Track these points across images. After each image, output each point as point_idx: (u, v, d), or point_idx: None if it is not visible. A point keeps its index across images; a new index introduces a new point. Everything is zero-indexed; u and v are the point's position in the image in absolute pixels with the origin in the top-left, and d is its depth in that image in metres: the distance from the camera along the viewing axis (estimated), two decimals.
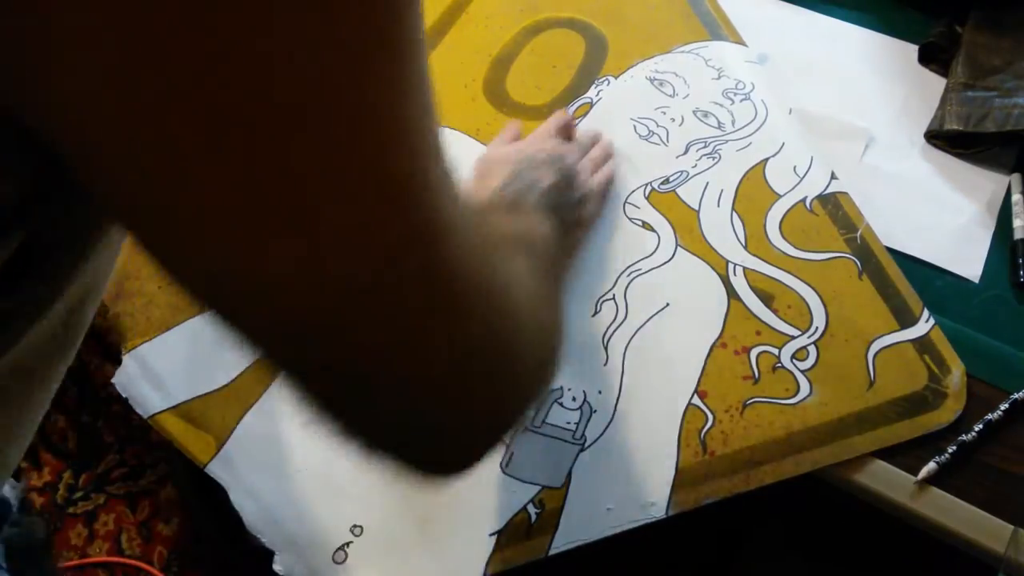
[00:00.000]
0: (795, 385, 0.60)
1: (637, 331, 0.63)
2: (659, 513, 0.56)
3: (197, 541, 0.71)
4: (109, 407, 0.64)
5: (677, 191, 0.70)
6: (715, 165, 0.71)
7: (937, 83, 0.76)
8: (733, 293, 0.64)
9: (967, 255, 0.67)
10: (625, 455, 0.58)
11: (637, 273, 0.66)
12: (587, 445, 0.59)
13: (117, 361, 0.65)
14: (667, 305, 0.64)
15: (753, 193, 0.69)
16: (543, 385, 0.39)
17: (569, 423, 0.59)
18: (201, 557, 0.72)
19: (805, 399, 0.60)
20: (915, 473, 0.56)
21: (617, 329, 0.63)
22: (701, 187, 0.70)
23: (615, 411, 0.60)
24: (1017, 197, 0.69)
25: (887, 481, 0.56)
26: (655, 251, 0.67)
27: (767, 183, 0.70)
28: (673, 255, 0.67)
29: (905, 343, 0.61)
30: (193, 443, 0.61)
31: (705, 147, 0.72)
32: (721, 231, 0.68)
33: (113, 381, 0.64)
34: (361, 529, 0.57)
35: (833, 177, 0.69)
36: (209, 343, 0.64)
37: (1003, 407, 0.58)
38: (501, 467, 0.58)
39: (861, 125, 0.74)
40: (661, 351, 0.62)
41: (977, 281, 0.66)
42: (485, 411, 0.32)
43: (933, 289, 0.64)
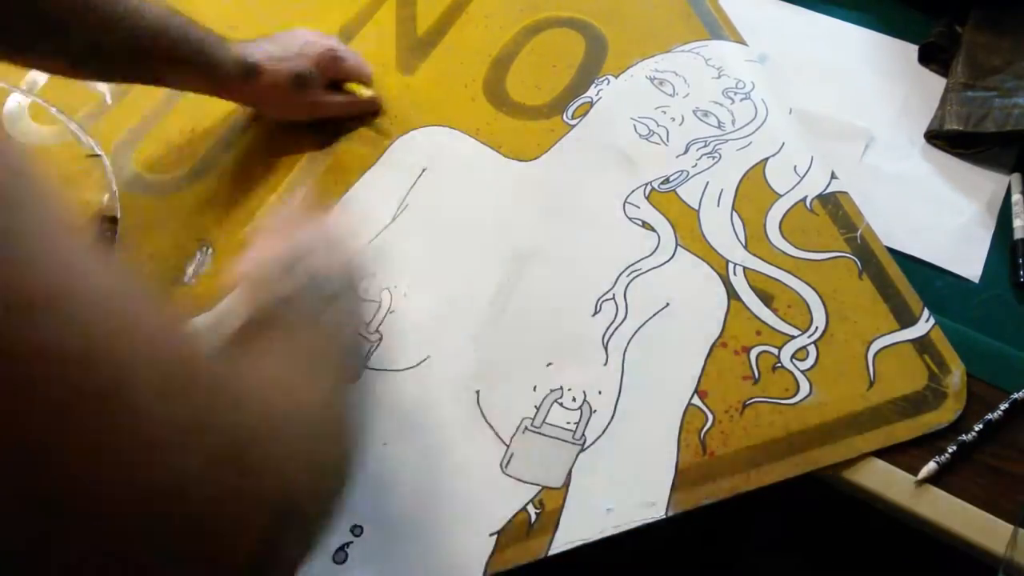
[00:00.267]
0: (795, 385, 0.60)
1: (637, 331, 0.63)
2: (659, 513, 0.56)
3: None
4: None
5: (677, 191, 0.70)
6: (715, 164, 0.71)
7: (937, 83, 0.76)
8: (733, 293, 0.64)
9: (967, 255, 0.67)
10: (625, 455, 0.58)
11: (637, 273, 0.66)
12: (587, 445, 0.59)
13: None
14: (667, 305, 0.64)
15: (753, 193, 0.69)
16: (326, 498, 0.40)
17: (569, 423, 0.59)
18: None
19: (805, 399, 0.60)
20: (915, 473, 0.56)
21: (617, 329, 0.63)
22: (701, 187, 0.70)
23: (615, 411, 0.60)
24: (1017, 197, 0.69)
25: (887, 481, 0.56)
26: (655, 251, 0.67)
27: (767, 183, 0.70)
28: (673, 255, 0.67)
29: (905, 343, 0.61)
30: None
31: (705, 146, 0.72)
32: (721, 231, 0.68)
33: None
34: (361, 530, 0.57)
35: (833, 177, 0.69)
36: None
37: (1003, 407, 0.58)
38: (501, 467, 0.58)
39: (861, 125, 0.74)
40: (661, 351, 0.62)
41: (977, 281, 0.66)
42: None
43: (933, 289, 0.64)
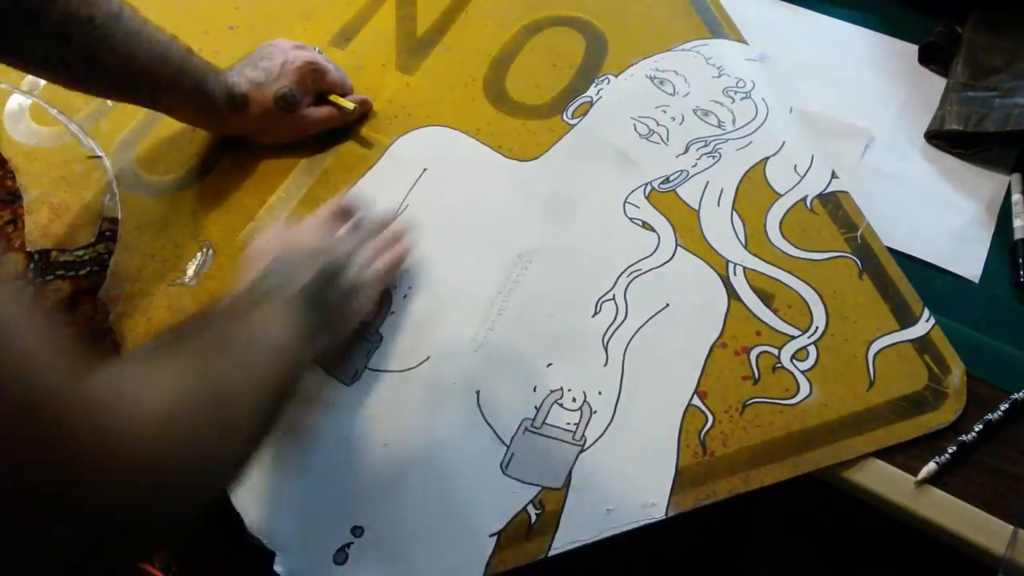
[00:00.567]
0: (795, 385, 0.60)
1: (637, 331, 0.63)
2: (659, 514, 0.56)
3: (197, 541, 0.71)
4: None
5: (677, 191, 0.70)
6: (715, 164, 0.71)
7: (937, 83, 0.76)
8: (733, 293, 0.64)
9: (967, 255, 0.67)
10: (625, 456, 0.58)
11: (637, 273, 0.66)
12: (587, 446, 0.59)
13: None
14: (667, 305, 0.64)
15: (753, 192, 0.69)
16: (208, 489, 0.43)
17: (569, 424, 0.59)
18: (201, 558, 0.72)
19: (805, 399, 0.60)
20: (915, 473, 0.56)
21: (617, 329, 0.63)
22: (701, 186, 0.70)
23: (615, 412, 0.60)
24: (1017, 197, 0.69)
25: (887, 481, 0.56)
26: (655, 251, 0.67)
27: (767, 182, 0.70)
28: (673, 255, 0.67)
29: (905, 343, 0.61)
30: None
31: (705, 146, 0.72)
32: (721, 231, 0.68)
33: None
34: (361, 530, 0.57)
35: (834, 176, 0.69)
36: None
37: (1003, 407, 0.58)
38: (501, 468, 0.58)
39: (861, 125, 0.74)
40: (661, 351, 0.62)
41: (977, 281, 0.66)
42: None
43: (933, 289, 0.65)
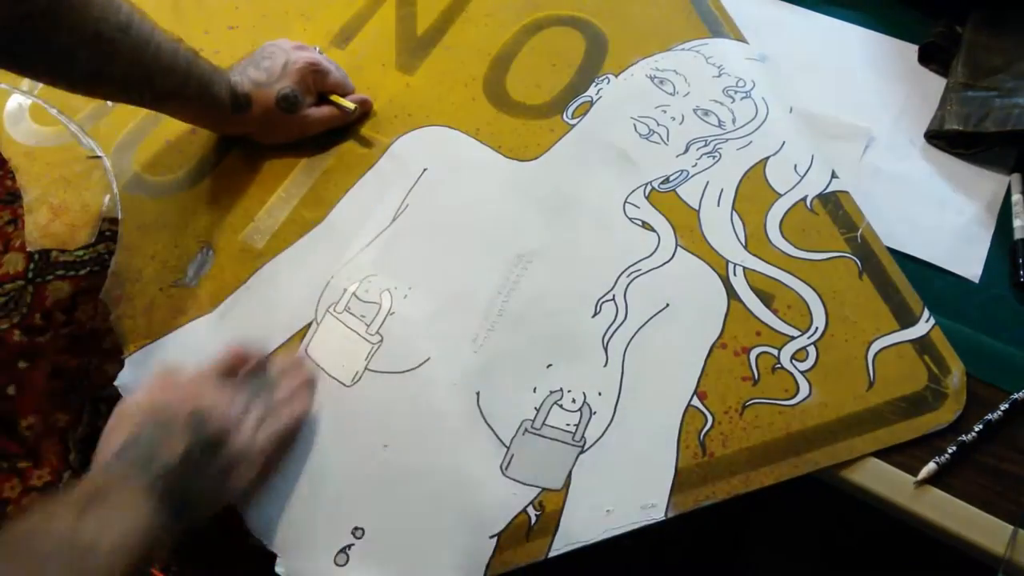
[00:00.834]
0: (795, 386, 0.60)
1: (637, 332, 0.63)
2: (659, 515, 0.56)
3: (197, 541, 0.71)
4: (110, 407, 0.65)
5: (677, 191, 0.70)
6: (715, 164, 0.71)
7: (937, 83, 0.76)
8: (733, 293, 0.64)
9: (967, 255, 0.67)
10: (625, 457, 0.58)
11: (637, 273, 0.66)
12: (587, 447, 0.59)
13: (117, 362, 0.65)
14: (667, 306, 0.64)
15: (753, 192, 0.69)
16: None
17: (569, 425, 0.59)
18: (201, 558, 0.72)
19: (805, 400, 0.60)
20: (915, 473, 0.56)
21: (617, 330, 0.63)
22: (701, 186, 0.70)
23: (615, 413, 0.60)
24: (1017, 197, 0.69)
25: (887, 481, 0.57)
26: (655, 251, 0.67)
27: (767, 182, 0.70)
28: (673, 255, 0.67)
29: (905, 343, 0.61)
30: None
31: (705, 146, 0.72)
32: (721, 231, 0.68)
33: (116, 383, 0.64)
34: (362, 532, 0.57)
35: (834, 176, 0.69)
36: (210, 345, 0.64)
37: (1003, 407, 0.58)
38: (501, 469, 0.58)
39: (861, 125, 0.74)
40: (661, 352, 0.62)
41: (977, 281, 0.66)
42: None
43: (933, 289, 0.64)
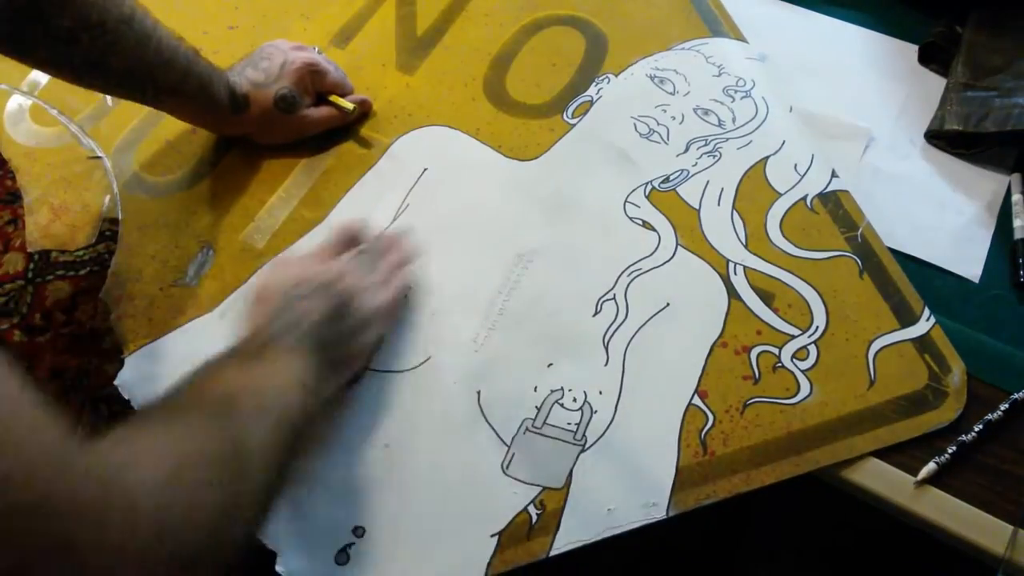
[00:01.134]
0: (795, 385, 0.60)
1: (637, 331, 0.63)
2: (660, 514, 0.56)
3: None
4: (110, 407, 0.65)
5: (677, 190, 0.70)
6: (716, 163, 0.71)
7: (937, 83, 0.76)
8: (733, 292, 0.64)
9: (967, 255, 0.67)
10: (626, 456, 0.58)
11: (637, 273, 0.66)
12: (588, 446, 0.59)
13: (117, 362, 0.65)
14: (667, 305, 0.64)
15: (754, 191, 0.69)
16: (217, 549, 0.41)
17: (570, 424, 0.60)
18: None
19: (805, 399, 0.60)
20: (915, 473, 0.56)
21: (618, 329, 0.63)
22: (701, 186, 0.70)
23: (616, 411, 0.60)
24: (1017, 197, 0.69)
25: (887, 481, 0.57)
26: (655, 250, 0.67)
27: (768, 181, 0.70)
28: (674, 254, 0.67)
29: (905, 342, 0.62)
30: None
31: (706, 145, 0.72)
32: (721, 230, 0.68)
33: (116, 382, 0.64)
34: (363, 531, 0.57)
35: (834, 175, 0.69)
36: (211, 344, 0.64)
37: (1003, 407, 0.58)
38: (502, 468, 0.58)
39: (861, 125, 0.74)
40: (661, 351, 0.62)
41: (977, 281, 0.66)
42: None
43: (933, 289, 0.65)
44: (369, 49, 0.82)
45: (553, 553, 0.56)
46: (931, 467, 0.56)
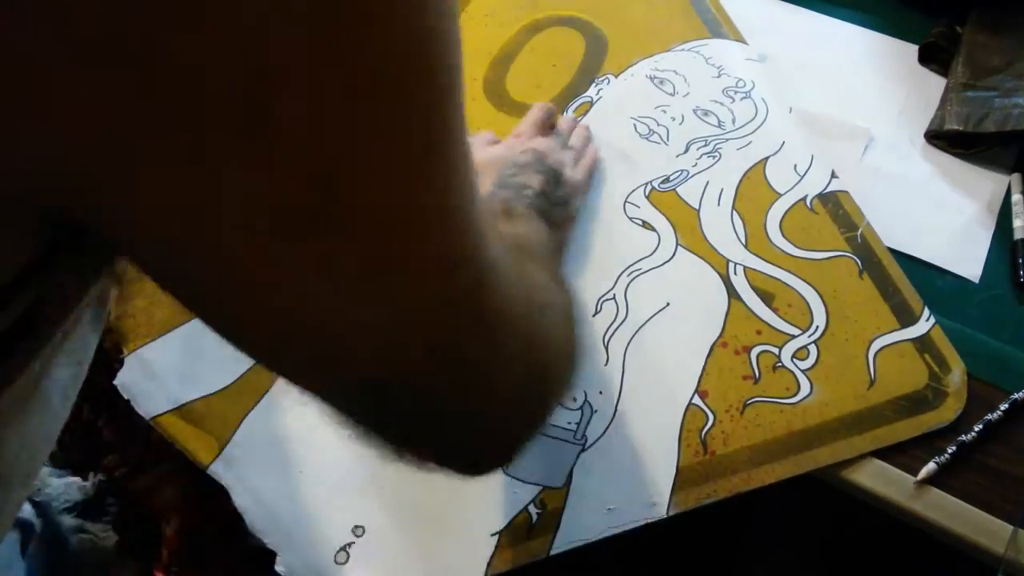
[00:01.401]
0: (795, 384, 0.60)
1: (637, 331, 0.63)
2: (660, 513, 0.56)
3: (197, 541, 0.71)
4: (109, 407, 0.65)
5: (677, 190, 0.70)
6: (715, 164, 0.71)
7: (937, 83, 0.76)
8: (733, 292, 0.64)
9: (967, 255, 0.67)
10: (626, 455, 0.58)
11: (637, 273, 0.66)
12: (588, 445, 0.59)
13: (117, 361, 0.65)
14: (667, 305, 0.64)
15: (753, 192, 0.69)
16: (568, 384, 0.41)
17: (570, 423, 0.60)
18: (201, 557, 0.72)
19: (805, 398, 0.60)
20: (915, 473, 0.56)
21: (617, 329, 0.63)
22: (701, 186, 0.70)
23: (616, 411, 0.60)
24: (1017, 197, 0.69)
25: (887, 481, 0.57)
26: (655, 250, 0.67)
27: (767, 182, 0.70)
28: (673, 254, 0.67)
29: (906, 342, 0.62)
30: (195, 444, 0.61)
31: (705, 145, 0.72)
32: (721, 230, 0.68)
33: (116, 382, 0.64)
34: (363, 530, 0.57)
35: (833, 176, 0.69)
36: (211, 344, 0.64)
37: (1003, 407, 0.58)
38: (502, 467, 0.58)
39: (861, 125, 0.74)
40: (661, 351, 0.62)
41: (977, 281, 0.66)
42: (529, 415, 0.36)
43: (933, 289, 0.65)
44: None
45: (553, 552, 0.56)
46: (931, 467, 0.56)
